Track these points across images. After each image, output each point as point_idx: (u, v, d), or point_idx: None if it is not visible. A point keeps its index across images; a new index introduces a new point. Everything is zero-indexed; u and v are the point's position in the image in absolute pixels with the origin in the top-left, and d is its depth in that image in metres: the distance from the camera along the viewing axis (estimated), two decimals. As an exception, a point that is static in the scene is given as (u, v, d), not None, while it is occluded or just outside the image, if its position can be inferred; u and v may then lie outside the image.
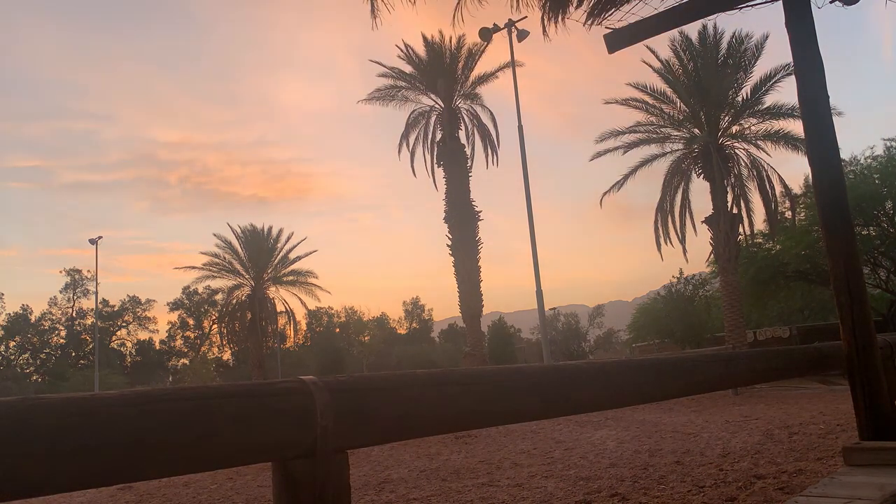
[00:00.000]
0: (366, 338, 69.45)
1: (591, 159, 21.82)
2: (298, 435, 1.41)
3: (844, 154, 23.20)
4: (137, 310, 73.27)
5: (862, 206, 21.44)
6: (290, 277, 37.84)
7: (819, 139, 3.79)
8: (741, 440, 9.04)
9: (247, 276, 37.19)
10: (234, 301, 36.98)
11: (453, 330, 66.98)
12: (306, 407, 1.43)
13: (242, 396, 1.37)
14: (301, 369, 58.51)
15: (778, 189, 21.50)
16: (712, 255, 20.36)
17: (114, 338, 72.08)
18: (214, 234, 37.54)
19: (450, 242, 25.84)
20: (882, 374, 3.46)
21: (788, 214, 23.39)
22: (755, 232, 22.17)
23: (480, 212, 25.97)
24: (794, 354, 3.54)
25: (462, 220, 25.57)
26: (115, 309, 71.60)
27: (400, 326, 74.38)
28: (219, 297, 43.03)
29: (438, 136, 27.00)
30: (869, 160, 23.76)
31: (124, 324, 73.05)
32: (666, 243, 21.01)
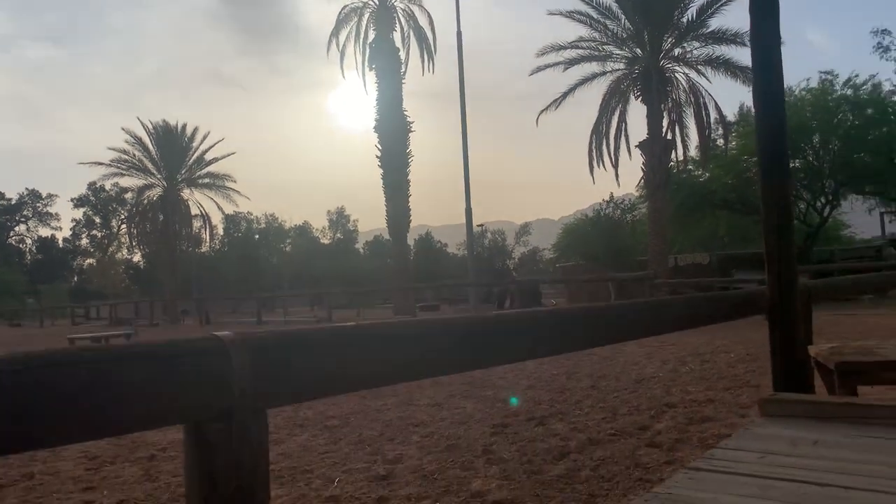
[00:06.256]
0: (287, 247, 68.26)
1: (531, 74, 21.38)
2: (214, 397, 1.36)
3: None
4: (38, 205, 69.73)
5: (791, 139, 21.77)
6: (206, 180, 36.35)
7: (767, 87, 3.61)
8: (655, 366, 9.26)
9: (158, 176, 35.46)
10: (146, 201, 35.45)
11: (379, 242, 66.59)
12: (223, 368, 1.36)
13: (153, 358, 1.30)
14: (217, 275, 57.31)
15: (713, 116, 21.66)
16: (643, 181, 20.50)
17: (11, 233, 68.70)
18: (123, 129, 35.17)
19: (379, 153, 25.20)
20: (801, 326, 3.45)
21: (721, 142, 23.66)
22: (687, 157, 22.40)
23: (413, 122, 25.28)
24: (721, 301, 3.47)
25: (393, 131, 24.89)
26: (13, 202, 67.92)
27: (323, 236, 73.37)
28: (129, 195, 41.23)
29: (371, 36, 25.77)
30: (804, 93, 24.10)
31: (23, 219, 69.57)
32: (599, 166, 21.01)
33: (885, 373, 2.96)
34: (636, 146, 20.48)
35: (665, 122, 20.06)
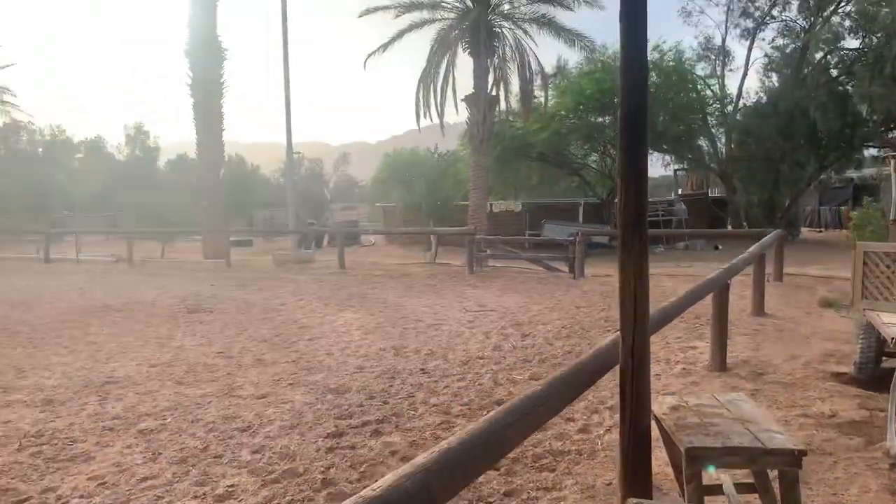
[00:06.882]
0: (77, 162, 61.28)
1: (361, 16, 20.42)
2: None
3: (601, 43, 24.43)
4: None
5: (605, 100, 23.09)
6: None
7: (633, 76, 3.36)
8: (479, 341, 9.46)
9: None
10: None
11: (183, 161, 62.06)
12: None
13: None
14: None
15: (534, 68, 22.09)
16: (467, 134, 20.63)
17: None
18: None
19: (190, 80, 23.11)
20: (648, 393, 3.48)
21: (539, 93, 24.29)
22: (509, 109, 22.82)
23: (228, 50, 23.37)
24: (580, 373, 3.48)
25: (205, 56, 22.87)
26: None
27: (119, 153, 67.02)
28: None
29: (182, -49, 23.28)
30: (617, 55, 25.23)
31: None
32: (426, 116, 20.82)
33: (729, 457, 3.14)
34: (462, 100, 20.52)
35: (491, 78, 20.26)
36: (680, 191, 34.43)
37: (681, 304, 5.69)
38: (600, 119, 25.06)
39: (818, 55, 25.21)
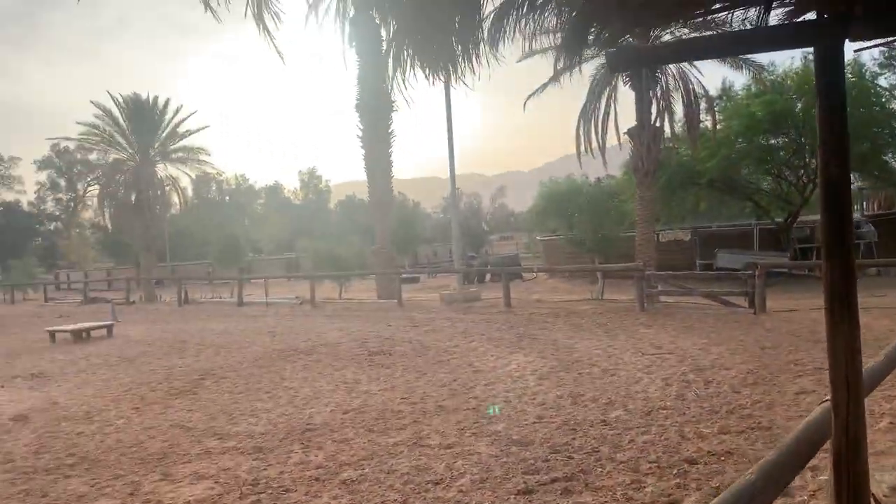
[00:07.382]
0: (259, 207, 67.02)
1: (519, 60, 20.70)
2: None
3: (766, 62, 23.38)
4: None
5: (777, 122, 21.91)
6: (180, 154, 35.47)
7: (834, 132, 3.18)
8: (658, 388, 9.19)
9: (130, 151, 34.51)
10: (119, 178, 34.50)
11: (352, 202, 65.90)
12: None
13: None
14: (187, 238, 56.36)
15: (698, 91, 21.36)
16: (631, 168, 20.27)
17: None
18: (92, 102, 33.95)
19: (360, 133, 24.60)
20: (867, 475, 3.26)
21: (705, 118, 23.44)
22: (675, 135, 22.20)
23: (395, 101, 24.64)
24: (794, 455, 3.34)
25: (375, 111, 24.25)
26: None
27: (295, 196, 72.61)
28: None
29: (352, 11, 24.90)
30: (790, 73, 23.99)
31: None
32: (587, 152, 20.75)
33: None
34: (625, 133, 20.25)
35: (654, 110, 19.81)
36: (865, 203, 31.61)
37: (891, 361, 5.31)
38: (773, 141, 23.74)
39: None
